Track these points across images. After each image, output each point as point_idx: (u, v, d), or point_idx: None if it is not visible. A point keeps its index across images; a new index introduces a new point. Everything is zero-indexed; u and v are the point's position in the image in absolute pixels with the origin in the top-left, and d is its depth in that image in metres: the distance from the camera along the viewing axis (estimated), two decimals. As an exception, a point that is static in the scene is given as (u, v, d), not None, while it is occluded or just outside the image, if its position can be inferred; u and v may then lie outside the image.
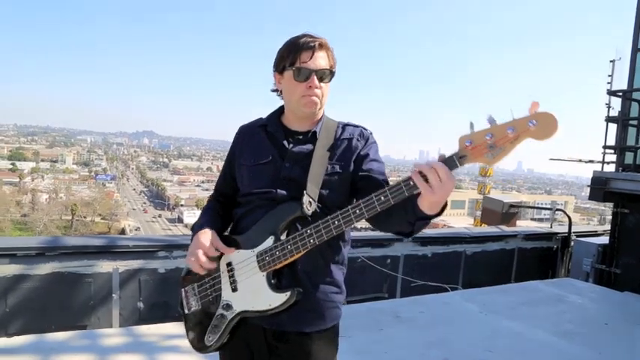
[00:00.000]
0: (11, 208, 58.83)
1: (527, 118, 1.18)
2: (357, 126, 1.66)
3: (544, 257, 7.84)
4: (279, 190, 1.55)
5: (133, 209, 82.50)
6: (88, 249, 4.48)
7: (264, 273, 1.49)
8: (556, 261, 7.95)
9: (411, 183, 1.29)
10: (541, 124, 1.16)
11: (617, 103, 6.93)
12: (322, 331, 1.58)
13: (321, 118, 1.64)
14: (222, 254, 1.56)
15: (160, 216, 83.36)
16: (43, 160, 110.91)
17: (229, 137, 1.83)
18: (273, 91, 1.67)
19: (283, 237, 1.48)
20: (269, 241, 1.49)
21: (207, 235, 1.55)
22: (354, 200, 1.48)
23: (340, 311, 1.65)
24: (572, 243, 7.78)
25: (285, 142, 1.61)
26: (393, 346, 3.67)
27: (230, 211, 1.71)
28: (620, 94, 6.67)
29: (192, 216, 77.92)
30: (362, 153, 1.60)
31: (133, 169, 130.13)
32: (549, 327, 4.32)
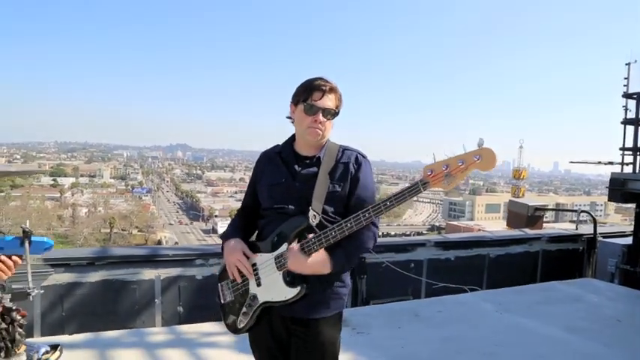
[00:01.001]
0: (53, 222, 61.10)
1: (473, 153, 1.57)
2: (353, 150, 2.04)
3: (570, 259, 7.86)
4: (290, 206, 1.94)
5: (170, 224, 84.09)
6: (132, 258, 4.94)
7: (281, 272, 1.89)
8: (582, 262, 7.99)
9: (367, 215, 1.76)
10: (484, 159, 1.55)
11: (633, 105, 7.02)
12: (328, 317, 1.97)
13: (324, 144, 2.02)
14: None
15: (191, 223, 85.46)
16: (82, 176, 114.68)
17: (261, 147, 2.23)
18: (288, 118, 2.06)
19: (294, 244, 1.87)
20: (284, 247, 1.89)
21: (238, 246, 1.97)
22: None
23: (344, 301, 2.03)
24: (598, 244, 7.83)
25: (296, 166, 2.00)
26: (409, 342, 3.98)
27: (253, 220, 2.12)
28: (636, 96, 6.79)
29: (226, 226, 79.11)
30: (355, 177, 1.97)
31: (167, 181, 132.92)
32: (561, 324, 4.54)
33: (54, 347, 1.91)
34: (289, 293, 1.87)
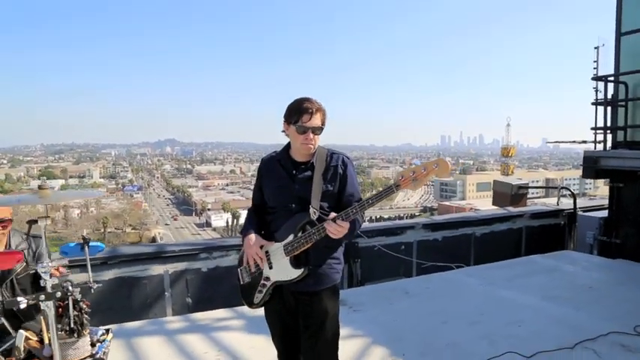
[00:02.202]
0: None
1: (433, 162, 2.07)
2: (339, 153, 2.47)
3: (552, 233, 8.26)
4: (292, 205, 2.37)
5: (167, 224, 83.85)
6: (142, 256, 5.28)
7: (288, 257, 2.34)
8: (564, 236, 8.43)
9: (350, 213, 2.16)
10: (440, 167, 2.06)
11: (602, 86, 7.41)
12: (328, 287, 2.43)
13: (316, 151, 2.43)
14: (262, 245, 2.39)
15: (180, 215, 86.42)
16: (71, 177, 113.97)
17: (249, 139, 2.69)
18: (282, 131, 2.46)
19: (299, 234, 2.31)
20: (290, 237, 2.33)
21: (253, 239, 2.39)
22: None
23: (339, 275, 2.49)
24: (577, 218, 8.25)
25: (294, 171, 2.42)
26: (400, 316, 4.43)
27: (262, 214, 2.53)
28: (603, 79, 7.18)
29: (219, 219, 79.22)
30: (343, 176, 2.41)
31: (158, 178, 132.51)
32: (538, 293, 4.99)
33: (107, 331, 2.37)
34: (295, 274, 2.32)
